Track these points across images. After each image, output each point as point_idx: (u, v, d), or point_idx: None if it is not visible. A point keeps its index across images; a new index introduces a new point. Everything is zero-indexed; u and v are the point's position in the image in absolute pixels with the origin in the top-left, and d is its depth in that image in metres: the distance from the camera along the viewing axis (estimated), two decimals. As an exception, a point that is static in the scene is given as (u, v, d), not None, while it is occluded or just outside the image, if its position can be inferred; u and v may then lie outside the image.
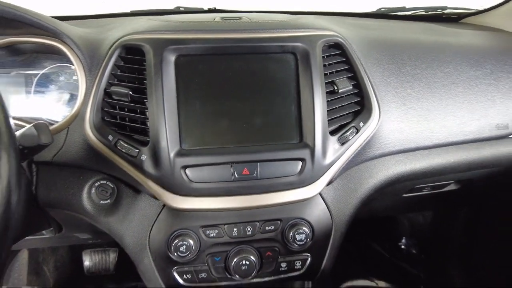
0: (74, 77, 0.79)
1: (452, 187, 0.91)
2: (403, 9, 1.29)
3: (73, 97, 0.78)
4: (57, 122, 0.68)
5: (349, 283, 1.50)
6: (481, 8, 1.23)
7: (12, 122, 0.42)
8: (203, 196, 0.62)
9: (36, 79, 0.77)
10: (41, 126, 0.50)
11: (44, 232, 0.84)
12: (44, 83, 0.78)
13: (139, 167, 0.61)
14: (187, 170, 0.60)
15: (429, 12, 1.28)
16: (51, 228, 0.82)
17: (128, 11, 1.17)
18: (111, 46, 0.64)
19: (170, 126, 0.60)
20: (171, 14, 1.08)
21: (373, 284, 1.51)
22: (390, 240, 1.63)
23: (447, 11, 1.28)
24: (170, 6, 1.20)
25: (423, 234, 1.55)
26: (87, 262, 1.32)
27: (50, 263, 1.41)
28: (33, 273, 1.38)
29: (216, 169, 0.61)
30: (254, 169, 0.62)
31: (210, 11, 1.13)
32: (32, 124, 0.51)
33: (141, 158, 0.60)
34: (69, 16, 1.05)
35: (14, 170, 0.40)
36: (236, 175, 0.61)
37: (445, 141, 0.76)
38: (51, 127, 0.65)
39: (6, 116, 0.40)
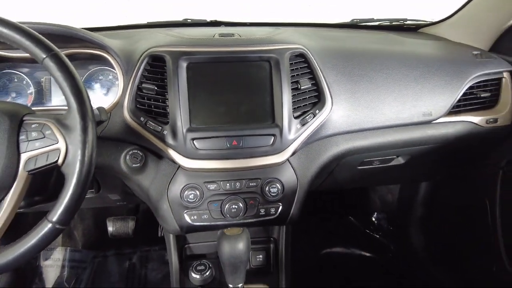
0: (109, 77, 1.05)
1: (397, 161, 1.16)
2: (371, 20, 1.54)
3: (109, 91, 1.05)
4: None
5: (328, 250, 1.77)
6: (433, 20, 1.50)
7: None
8: (205, 159, 0.87)
9: (83, 78, 1.04)
10: (101, 108, 0.77)
11: None
12: (88, 80, 1.05)
13: (162, 139, 0.87)
14: (195, 141, 0.86)
15: (393, 23, 1.53)
16: (92, 190, 1.09)
17: (145, 22, 1.44)
18: (141, 55, 0.90)
19: (183, 111, 0.85)
20: (180, 26, 1.33)
21: (348, 251, 1.78)
22: (364, 215, 1.89)
23: (407, 22, 1.54)
24: (179, 17, 1.46)
25: (391, 209, 1.81)
26: (110, 228, 1.60)
27: (79, 230, 1.69)
28: (66, 236, 1.66)
29: (215, 140, 0.86)
30: (240, 141, 0.87)
31: (212, 23, 1.37)
32: (96, 107, 0.78)
33: (163, 132, 0.86)
34: (100, 27, 1.31)
35: (95, 135, 0.67)
36: (228, 145, 0.87)
37: (383, 125, 1.01)
38: None
39: (89, 101, 0.67)
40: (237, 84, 0.90)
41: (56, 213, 0.63)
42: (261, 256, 1.09)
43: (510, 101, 1.11)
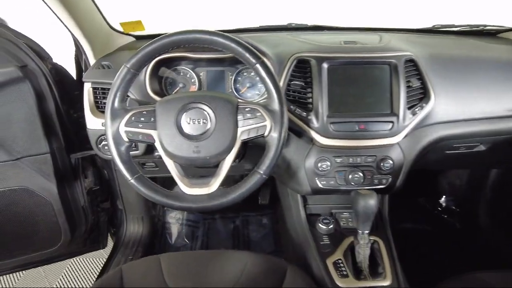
0: (252, 74, 1.37)
1: (479, 148, 1.40)
2: (452, 26, 1.74)
3: (253, 85, 1.36)
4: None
5: (400, 226, 2.02)
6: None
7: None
8: (337, 138, 1.14)
9: (234, 74, 1.36)
10: None
11: None
12: (237, 74, 1.37)
13: (306, 122, 1.14)
14: (332, 124, 1.13)
15: (473, 29, 1.74)
16: (236, 160, 1.40)
17: (257, 26, 1.72)
18: (289, 59, 1.18)
19: (324, 101, 1.12)
20: (285, 30, 1.58)
21: (418, 226, 2.02)
22: (433, 197, 2.13)
23: (487, 27, 1.73)
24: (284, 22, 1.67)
25: (459, 193, 2.02)
26: None
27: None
28: None
29: (347, 124, 1.12)
30: (366, 125, 1.12)
31: (314, 27, 1.62)
32: None
33: (308, 117, 1.13)
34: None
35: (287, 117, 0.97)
36: (357, 128, 1.12)
37: (472, 117, 1.22)
38: None
39: (282, 94, 0.98)
40: (364, 81, 1.16)
41: (263, 167, 0.94)
42: None
43: None
